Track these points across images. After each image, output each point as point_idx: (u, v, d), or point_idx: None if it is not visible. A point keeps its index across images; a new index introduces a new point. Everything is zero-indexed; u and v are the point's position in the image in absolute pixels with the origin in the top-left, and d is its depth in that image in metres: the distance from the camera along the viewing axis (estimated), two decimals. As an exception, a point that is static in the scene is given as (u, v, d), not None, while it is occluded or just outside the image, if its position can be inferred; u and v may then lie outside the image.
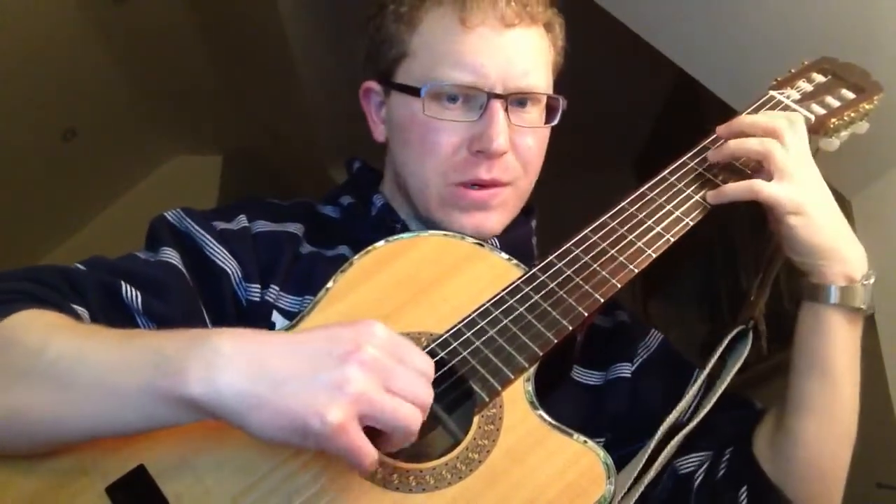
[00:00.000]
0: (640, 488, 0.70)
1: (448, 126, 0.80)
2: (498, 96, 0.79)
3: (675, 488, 0.82)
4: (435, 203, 0.83)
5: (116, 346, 0.59)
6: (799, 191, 0.76)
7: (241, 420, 0.55)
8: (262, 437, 0.55)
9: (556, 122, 0.85)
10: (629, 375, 0.86)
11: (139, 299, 0.71)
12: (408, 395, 0.57)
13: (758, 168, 0.81)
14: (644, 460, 0.72)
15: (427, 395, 0.58)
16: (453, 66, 0.79)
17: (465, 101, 0.80)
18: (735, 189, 0.78)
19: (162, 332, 0.62)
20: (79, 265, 0.74)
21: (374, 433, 0.57)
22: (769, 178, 0.77)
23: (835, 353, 0.76)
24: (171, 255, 0.77)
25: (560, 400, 0.68)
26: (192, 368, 0.55)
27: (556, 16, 0.86)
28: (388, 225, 0.86)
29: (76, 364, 0.58)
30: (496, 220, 0.83)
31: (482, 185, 0.81)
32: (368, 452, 0.55)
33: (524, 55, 0.81)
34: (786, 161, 0.76)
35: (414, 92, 0.80)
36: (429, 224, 0.85)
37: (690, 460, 0.82)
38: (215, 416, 0.56)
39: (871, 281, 0.77)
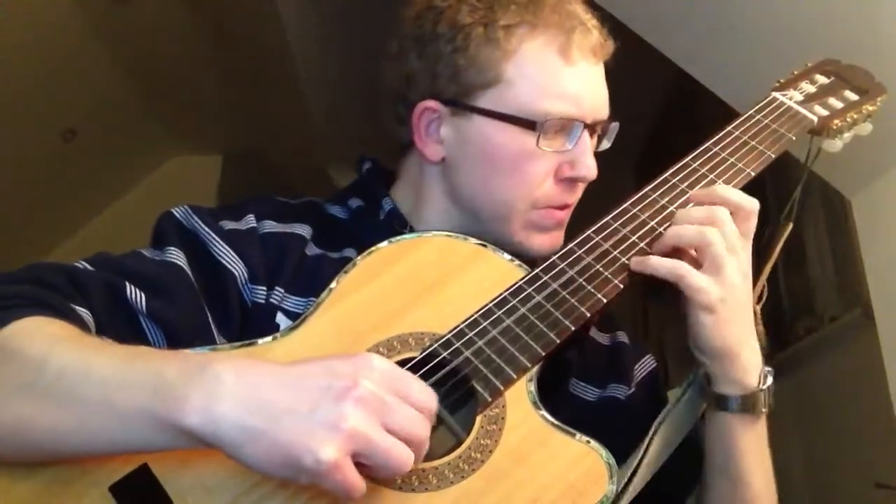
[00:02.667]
0: (639, 488, 0.70)
1: (545, 155, 0.81)
2: (587, 126, 0.81)
3: None
4: (518, 226, 0.83)
5: (118, 366, 0.59)
6: (723, 289, 0.73)
7: (236, 452, 0.55)
8: (255, 470, 0.55)
9: (609, 145, 0.88)
10: (623, 398, 0.87)
11: (143, 300, 0.71)
12: (404, 433, 0.57)
13: None
14: (639, 460, 0.72)
15: (424, 433, 0.58)
16: (558, 99, 0.79)
17: (562, 130, 0.81)
18: (661, 265, 0.74)
19: (165, 353, 0.62)
20: (84, 263, 0.73)
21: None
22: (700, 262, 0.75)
23: (741, 457, 0.76)
24: (177, 256, 0.76)
25: (558, 411, 0.68)
26: (191, 397, 0.55)
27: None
28: (395, 230, 0.85)
29: (78, 382, 0.58)
30: (561, 236, 0.86)
31: (565, 207, 0.84)
32: (360, 489, 0.56)
33: (604, 87, 0.85)
34: (722, 255, 0.73)
35: (524, 123, 0.79)
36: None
37: None
38: (211, 446, 0.56)
39: (770, 382, 0.76)
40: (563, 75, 0.80)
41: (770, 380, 0.76)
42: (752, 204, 0.76)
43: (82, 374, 0.58)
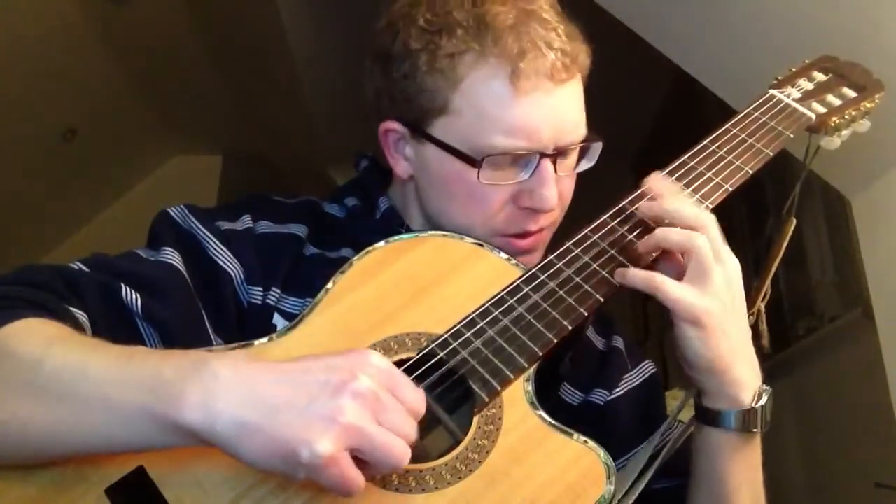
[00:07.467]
0: (639, 489, 0.70)
1: (498, 186, 0.78)
2: (547, 155, 0.78)
3: None
4: None
5: (115, 365, 0.59)
6: (707, 299, 0.68)
7: (234, 447, 0.55)
8: (253, 465, 0.55)
9: (592, 164, 0.83)
10: (601, 404, 0.86)
11: (139, 302, 0.71)
12: (394, 432, 0.56)
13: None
14: (645, 460, 0.72)
15: (413, 434, 0.57)
16: (507, 134, 0.76)
17: (515, 161, 0.78)
18: (635, 277, 0.71)
19: (161, 352, 0.62)
20: (79, 264, 0.73)
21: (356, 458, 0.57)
22: (681, 271, 0.71)
23: (728, 477, 0.72)
24: (172, 256, 0.76)
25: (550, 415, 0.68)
26: (188, 394, 0.55)
27: (588, 49, 0.82)
28: (392, 229, 0.85)
29: (74, 379, 0.58)
30: (537, 258, 0.82)
31: (528, 235, 0.81)
32: (358, 484, 0.55)
33: (572, 109, 0.79)
34: (707, 262, 0.69)
35: (465, 158, 0.77)
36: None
37: None
38: (208, 443, 0.55)
39: (765, 400, 0.71)
40: (511, 107, 0.75)
41: (766, 399, 0.71)
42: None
43: (79, 373, 0.58)
